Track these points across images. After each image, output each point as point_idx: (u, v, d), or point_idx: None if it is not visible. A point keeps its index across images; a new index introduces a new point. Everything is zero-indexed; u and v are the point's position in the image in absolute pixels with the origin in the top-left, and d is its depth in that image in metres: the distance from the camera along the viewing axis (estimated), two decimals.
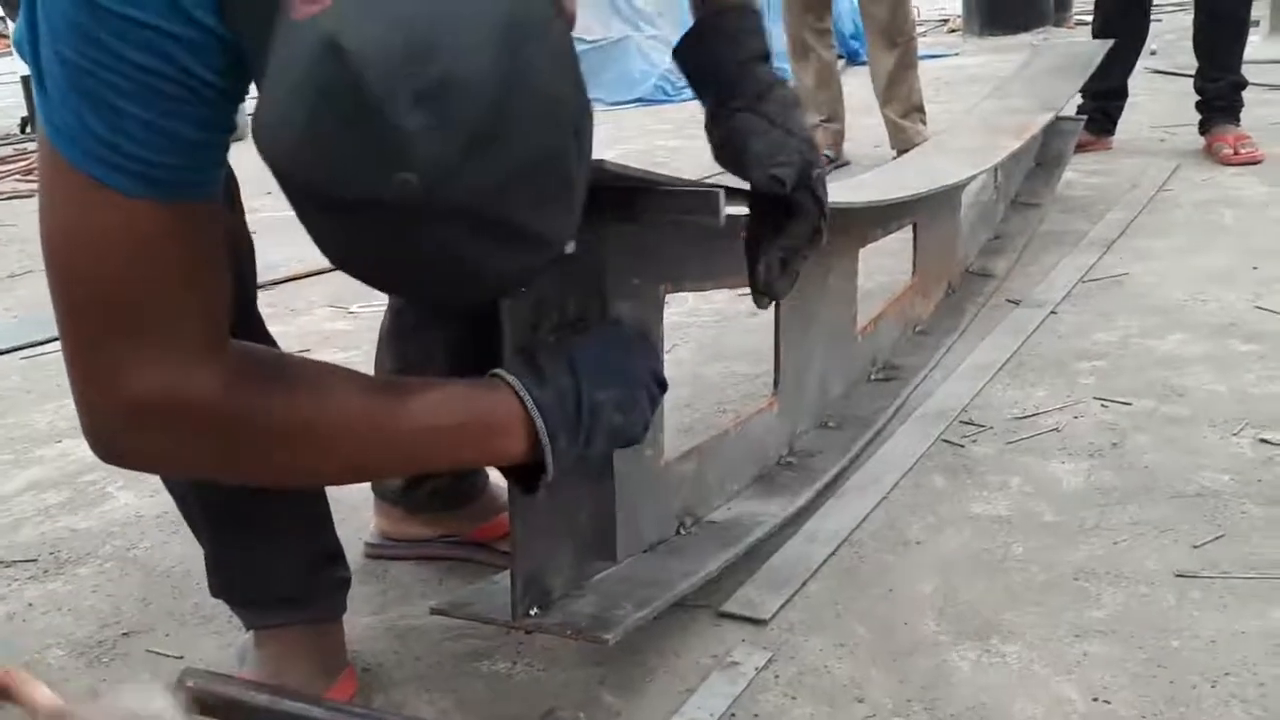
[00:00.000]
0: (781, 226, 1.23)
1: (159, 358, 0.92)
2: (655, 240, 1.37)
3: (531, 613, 1.26)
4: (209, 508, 1.28)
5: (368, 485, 1.67)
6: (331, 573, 1.37)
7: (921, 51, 4.32)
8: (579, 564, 1.34)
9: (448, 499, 1.61)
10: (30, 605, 1.60)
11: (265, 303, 1.27)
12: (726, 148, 1.21)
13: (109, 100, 0.85)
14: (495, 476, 1.55)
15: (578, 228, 0.89)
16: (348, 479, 1.22)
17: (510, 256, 0.83)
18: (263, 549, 1.30)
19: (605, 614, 1.28)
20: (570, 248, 0.89)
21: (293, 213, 0.81)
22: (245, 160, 0.99)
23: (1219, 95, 3.75)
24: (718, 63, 1.23)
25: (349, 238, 0.81)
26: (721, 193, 1.14)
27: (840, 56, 5.26)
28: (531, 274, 0.90)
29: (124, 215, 0.88)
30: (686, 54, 1.26)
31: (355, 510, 1.72)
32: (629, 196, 1.19)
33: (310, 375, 1.03)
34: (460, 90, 0.75)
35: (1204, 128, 3.81)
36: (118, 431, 0.95)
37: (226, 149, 0.95)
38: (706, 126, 1.25)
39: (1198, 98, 3.82)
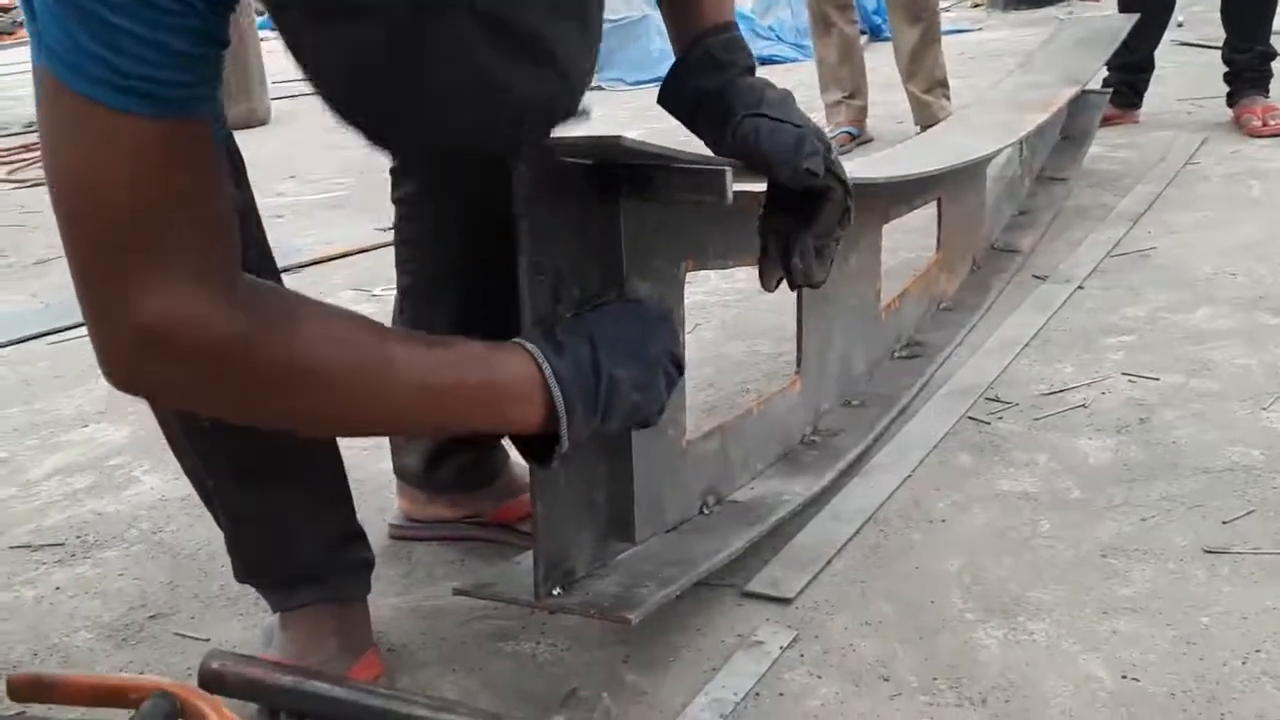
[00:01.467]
0: (812, 215, 1.24)
1: (161, 279, 0.90)
2: (676, 217, 1.36)
3: (554, 593, 1.26)
4: (225, 488, 1.28)
5: (390, 465, 1.67)
6: (352, 552, 1.37)
7: (944, 26, 4.29)
8: (601, 544, 1.34)
9: (469, 479, 1.61)
10: (58, 589, 1.61)
11: (289, 287, 1.27)
12: (742, 156, 1.21)
13: (100, 15, 0.83)
14: (516, 458, 1.55)
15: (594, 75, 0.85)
16: (355, 428, 1.19)
17: (523, 73, 0.80)
18: (280, 528, 1.30)
19: (628, 593, 1.27)
20: (585, 106, 0.86)
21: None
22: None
23: (1247, 66, 3.70)
24: (704, 91, 1.24)
25: (351, 52, 0.78)
26: (728, 171, 1.13)
27: (863, 32, 5.23)
28: (545, 110, 0.86)
29: (121, 132, 0.87)
30: (677, 89, 1.26)
31: (379, 491, 1.73)
32: (645, 173, 1.18)
33: (323, 316, 1.01)
34: None
35: (1232, 99, 3.76)
36: (124, 355, 0.94)
37: (221, 63, 0.92)
38: (713, 150, 1.25)
39: (1225, 69, 3.78)
